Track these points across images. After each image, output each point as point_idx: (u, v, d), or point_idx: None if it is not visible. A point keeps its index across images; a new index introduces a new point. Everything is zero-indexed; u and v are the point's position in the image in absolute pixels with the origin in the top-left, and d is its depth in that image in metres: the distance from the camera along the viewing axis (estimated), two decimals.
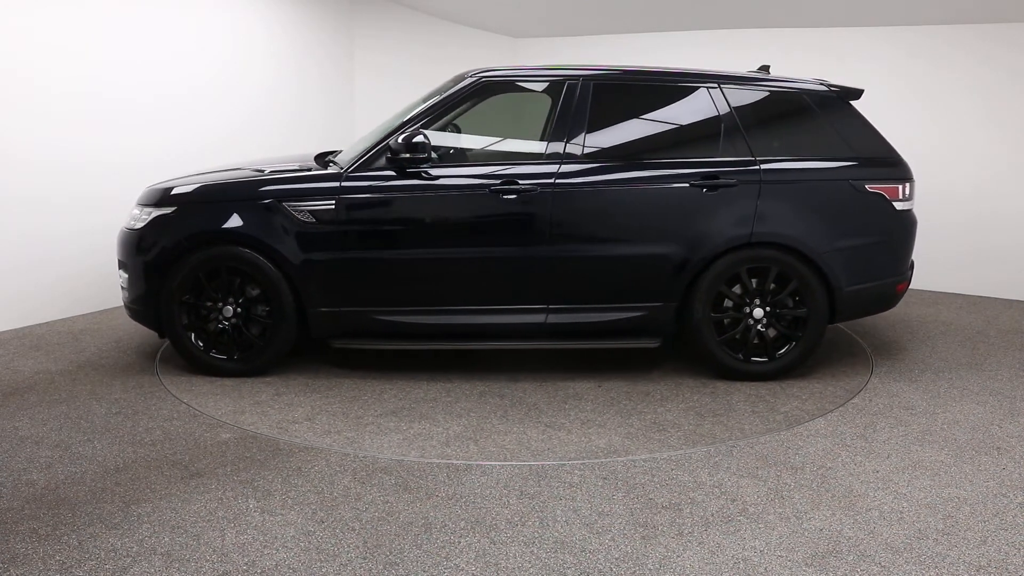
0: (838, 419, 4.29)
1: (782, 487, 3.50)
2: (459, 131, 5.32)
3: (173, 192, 4.85)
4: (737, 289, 4.79)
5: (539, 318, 4.76)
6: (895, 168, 4.84)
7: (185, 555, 2.93)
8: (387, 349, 5.06)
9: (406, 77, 8.49)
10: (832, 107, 4.88)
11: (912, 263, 5.09)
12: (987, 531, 3.15)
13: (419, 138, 4.60)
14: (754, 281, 4.79)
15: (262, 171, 5.01)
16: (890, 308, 5.13)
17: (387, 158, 4.68)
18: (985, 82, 7.08)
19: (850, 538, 3.09)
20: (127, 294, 4.93)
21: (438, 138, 4.96)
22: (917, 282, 6.62)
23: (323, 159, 5.25)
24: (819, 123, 4.85)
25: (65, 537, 3.04)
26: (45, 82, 5.65)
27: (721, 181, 4.69)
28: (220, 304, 4.76)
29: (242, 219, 4.68)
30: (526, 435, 4.04)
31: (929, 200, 6.63)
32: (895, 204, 4.79)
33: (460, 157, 5.17)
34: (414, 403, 4.48)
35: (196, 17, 6.65)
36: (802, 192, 4.74)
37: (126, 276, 4.90)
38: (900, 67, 7.37)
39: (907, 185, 4.85)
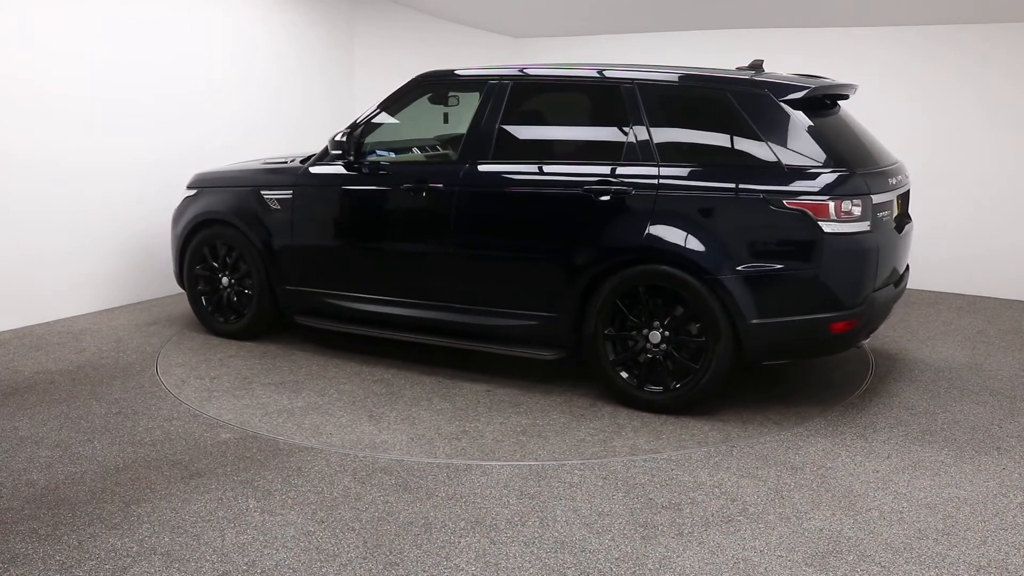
0: (838, 419, 4.29)
1: (782, 487, 3.50)
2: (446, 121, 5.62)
3: (197, 177, 5.73)
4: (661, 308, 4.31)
5: (445, 315, 4.79)
6: (832, 183, 4.01)
7: (185, 555, 2.93)
8: (327, 329, 5.33)
9: (407, 76, 8.47)
10: (762, 108, 4.18)
11: (868, 298, 4.16)
12: (987, 531, 3.15)
13: (342, 137, 4.99)
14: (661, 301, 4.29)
15: (265, 163, 5.59)
16: (829, 352, 4.43)
17: (329, 155, 5.09)
18: (985, 82, 7.08)
19: (850, 538, 3.09)
20: (173, 262, 5.77)
21: (390, 136, 5.37)
22: (917, 282, 6.61)
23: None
24: (742, 126, 4.20)
25: (65, 537, 3.04)
26: (45, 83, 5.64)
27: (614, 188, 4.30)
28: (219, 275, 5.51)
29: (232, 204, 5.39)
30: (337, 420, 4.21)
31: (929, 200, 6.62)
32: (822, 225, 3.96)
33: (403, 154, 5.41)
34: (312, 379, 4.83)
35: (198, 19, 6.64)
36: (702, 205, 4.15)
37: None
38: (899, 67, 7.36)
39: (846, 203, 3.99)
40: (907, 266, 4.87)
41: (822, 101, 4.46)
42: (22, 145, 5.57)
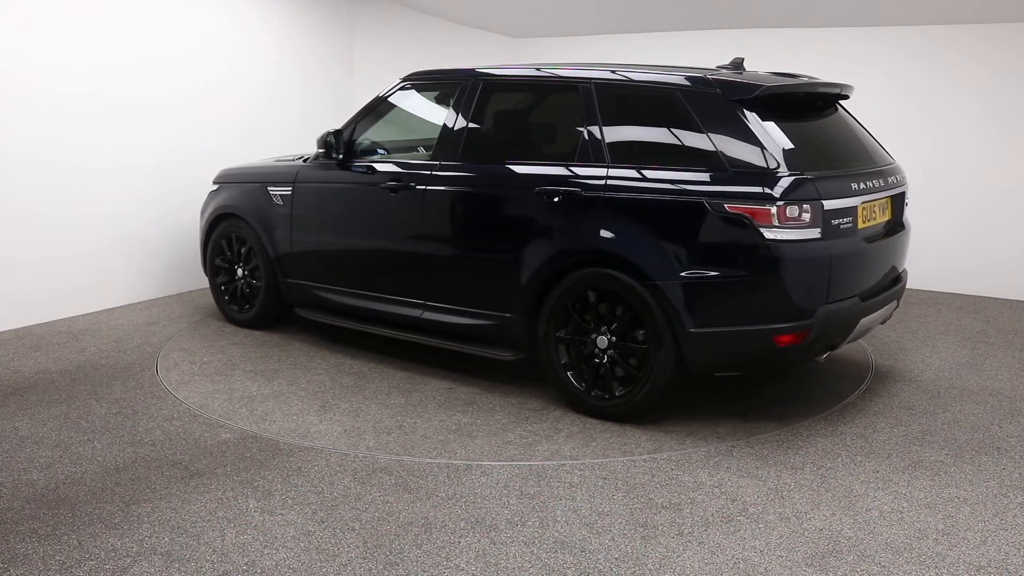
0: (838, 419, 4.29)
1: (782, 487, 3.51)
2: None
3: (220, 173, 6.00)
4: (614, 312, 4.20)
5: (416, 312, 4.85)
6: (777, 187, 3.78)
7: (185, 555, 2.93)
8: (321, 322, 5.46)
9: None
10: (712, 108, 4.01)
11: (821, 311, 3.89)
12: (987, 531, 3.15)
13: (330, 136, 5.16)
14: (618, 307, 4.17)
15: (277, 161, 5.85)
16: (779, 365, 4.28)
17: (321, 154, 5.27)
18: (985, 83, 7.07)
19: (850, 538, 3.09)
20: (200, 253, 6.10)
21: (389, 136, 5.48)
22: (917, 282, 6.60)
23: None
24: (691, 126, 4.04)
25: (65, 537, 3.04)
26: (44, 83, 5.64)
27: (563, 189, 4.23)
28: (235, 266, 5.80)
29: (244, 200, 5.64)
30: (288, 409, 4.33)
31: (929, 201, 6.62)
32: (763, 231, 3.76)
33: (389, 153, 5.47)
34: (293, 368, 4.98)
35: (198, 18, 6.63)
36: (644, 208, 4.03)
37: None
38: (899, 68, 7.36)
39: (792, 208, 3.76)
40: (899, 276, 4.63)
41: (811, 101, 4.41)
42: (21, 145, 5.56)
